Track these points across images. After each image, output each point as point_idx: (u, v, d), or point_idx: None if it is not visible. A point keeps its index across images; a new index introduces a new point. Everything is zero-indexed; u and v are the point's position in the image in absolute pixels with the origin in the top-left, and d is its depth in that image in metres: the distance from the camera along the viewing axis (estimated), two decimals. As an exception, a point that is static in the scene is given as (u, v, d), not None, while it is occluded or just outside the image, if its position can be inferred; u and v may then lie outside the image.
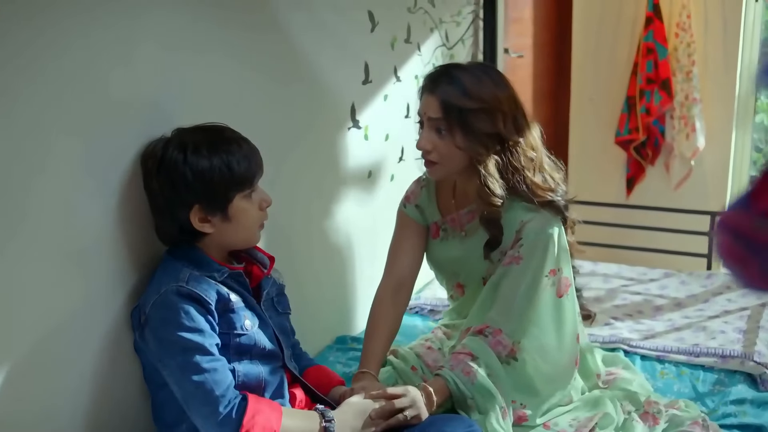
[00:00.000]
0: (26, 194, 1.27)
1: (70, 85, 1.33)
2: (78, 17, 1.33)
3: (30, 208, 1.28)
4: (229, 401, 1.33)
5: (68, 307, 1.38)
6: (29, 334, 1.31)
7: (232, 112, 1.66)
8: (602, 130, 3.93)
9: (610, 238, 3.32)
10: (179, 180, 1.40)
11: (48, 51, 1.28)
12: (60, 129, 1.32)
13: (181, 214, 1.42)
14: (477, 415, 1.58)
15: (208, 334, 1.36)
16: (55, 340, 1.36)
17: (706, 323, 2.21)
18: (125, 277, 1.49)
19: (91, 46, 1.36)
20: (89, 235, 1.41)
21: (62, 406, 1.39)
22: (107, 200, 1.44)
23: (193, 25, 1.60)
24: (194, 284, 1.38)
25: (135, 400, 1.51)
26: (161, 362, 1.37)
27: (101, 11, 1.37)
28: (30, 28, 1.24)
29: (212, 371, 1.34)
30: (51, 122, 1.30)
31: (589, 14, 3.85)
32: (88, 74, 1.36)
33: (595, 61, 3.89)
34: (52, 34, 1.28)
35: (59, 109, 1.31)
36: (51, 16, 1.28)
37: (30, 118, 1.26)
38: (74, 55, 1.33)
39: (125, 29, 1.43)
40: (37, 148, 1.28)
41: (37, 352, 1.32)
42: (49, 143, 1.30)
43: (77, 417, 1.42)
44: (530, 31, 3.56)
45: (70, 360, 1.39)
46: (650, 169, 3.87)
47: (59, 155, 1.33)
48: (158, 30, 1.51)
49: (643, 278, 2.61)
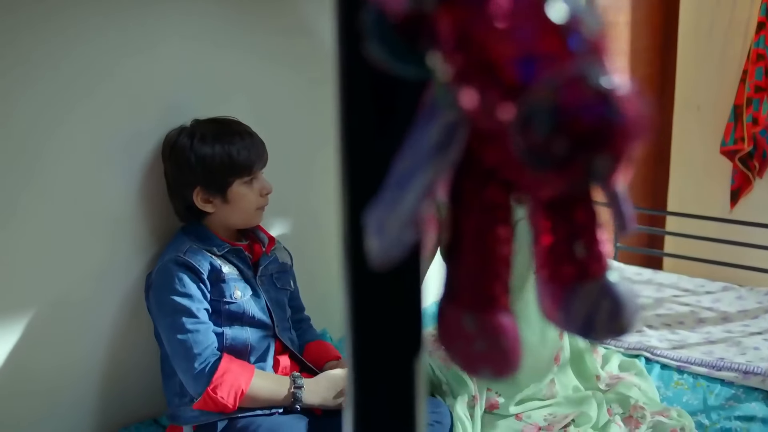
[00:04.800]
0: (57, 168, 1.54)
1: (101, 76, 1.58)
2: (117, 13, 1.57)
3: (60, 180, 1.55)
4: (205, 359, 1.51)
5: (94, 269, 1.64)
6: (56, 289, 1.57)
7: (262, 109, 1.87)
8: (707, 139, 3.78)
9: (709, 251, 3.16)
10: (185, 163, 1.61)
11: (80, 45, 1.53)
12: (89, 114, 1.57)
13: (186, 193, 1.63)
14: (451, 399, 1.66)
15: (196, 299, 1.55)
16: (81, 296, 1.62)
17: (743, 339, 2.13)
18: (146, 247, 1.73)
19: (124, 41, 1.60)
20: (115, 209, 1.66)
21: (82, 357, 1.65)
22: (131, 179, 1.68)
23: (238, 24, 1.82)
24: (191, 255, 1.58)
25: (147, 354, 1.74)
26: (157, 321, 1.59)
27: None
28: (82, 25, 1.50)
29: (195, 332, 1.53)
30: (81, 108, 1.56)
31: (698, 19, 3.71)
32: (116, 65, 1.60)
33: (703, 67, 3.74)
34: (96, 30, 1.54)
35: (89, 97, 1.57)
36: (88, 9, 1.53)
37: (62, 105, 1.52)
38: (101, 48, 1.57)
39: (171, 24, 1.66)
40: (69, 130, 1.55)
41: (63, 307, 1.59)
42: (79, 127, 1.56)
43: (96, 366, 1.68)
44: (625, 35, 3.50)
45: (92, 315, 1.66)
46: (758, 181, 3.67)
47: (87, 138, 1.58)
48: (196, 29, 1.73)
49: (699, 290, 2.53)
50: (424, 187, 0.39)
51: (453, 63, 0.36)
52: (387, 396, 0.48)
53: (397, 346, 0.47)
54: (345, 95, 0.43)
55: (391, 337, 0.47)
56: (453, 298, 0.48)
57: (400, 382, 0.47)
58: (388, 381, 0.47)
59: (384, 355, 0.47)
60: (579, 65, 0.33)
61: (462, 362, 0.48)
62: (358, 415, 0.45)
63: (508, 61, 0.34)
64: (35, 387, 1.57)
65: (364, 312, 0.46)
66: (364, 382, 0.47)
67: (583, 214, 0.49)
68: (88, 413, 1.68)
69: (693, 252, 3.16)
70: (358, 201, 0.44)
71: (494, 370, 0.49)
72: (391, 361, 0.47)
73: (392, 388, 0.47)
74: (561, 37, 0.33)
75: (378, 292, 0.46)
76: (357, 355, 0.46)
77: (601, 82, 0.32)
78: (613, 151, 0.33)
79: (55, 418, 1.61)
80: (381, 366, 0.47)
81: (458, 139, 0.41)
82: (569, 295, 0.49)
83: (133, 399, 1.75)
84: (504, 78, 0.34)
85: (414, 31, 0.37)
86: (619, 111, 0.32)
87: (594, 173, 0.33)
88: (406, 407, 0.48)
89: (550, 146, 0.33)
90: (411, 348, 0.47)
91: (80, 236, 1.61)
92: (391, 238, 0.40)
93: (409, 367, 0.47)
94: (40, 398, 1.58)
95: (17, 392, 1.54)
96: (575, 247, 0.50)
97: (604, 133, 0.32)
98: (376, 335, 0.47)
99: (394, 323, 0.47)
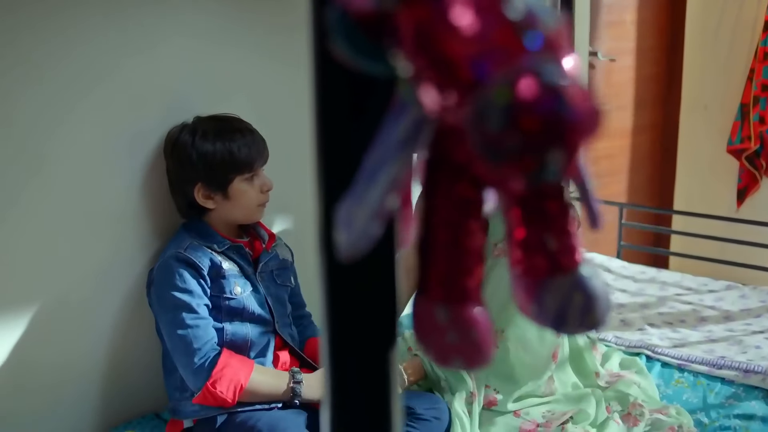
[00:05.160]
0: (60, 167, 1.56)
1: (102, 75, 1.60)
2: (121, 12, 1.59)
3: (62, 178, 1.57)
4: (204, 354, 1.53)
5: (97, 266, 1.66)
6: (59, 287, 1.60)
7: (263, 106, 1.88)
8: (714, 138, 3.76)
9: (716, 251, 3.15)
10: (186, 160, 1.62)
11: (80, 44, 1.55)
12: (90, 113, 1.59)
13: (187, 190, 1.64)
14: (449, 396, 1.67)
15: (196, 295, 1.57)
16: (84, 293, 1.64)
17: (745, 337, 2.13)
18: (148, 244, 1.74)
19: (124, 40, 1.62)
20: (117, 207, 1.68)
21: (85, 353, 1.67)
22: (134, 177, 1.70)
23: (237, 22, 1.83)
24: (191, 251, 1.59)
25: (149, 349, 1.76)
26: (158, 316, 1.61)
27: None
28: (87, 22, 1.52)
29: (195, 327, 1.55)
30: (82, 107, 1.58)
31: (705, 18, 3.70)
32: (116, 64, 1.62)
33: (709, 66, 3.73)
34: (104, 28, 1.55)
35: (90, 96, 1.59)
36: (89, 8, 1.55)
37: (63, 105, 1.54)
38: (102, 47, 1.59)
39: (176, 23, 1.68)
40: (70, 130, 1.57)
41: (66, 304, 1.61)
42: (80, 126, 1.58)
43: (99, 362, 1.70)
44: (632, 34, 3.49)
45: (95, 312, 1.68)
46: (765, 180, 3.66)
47: (90, 136, 1.61)
48: (199, 25, 1.75)
49: (702, 289, 2.53)
50: (390, 181, 0.40)
51: (413, 61, 0.37)
52: (361, 387, 0.49)
53: (371, 338, 0.48)
54: (320, 92, 0.44)
55: (366, 329, 0.48)
56: (426, 290, 0.50)
57: (374, 373, 0.48)
58: (362, 372, 0.48)
59: (358, 346, 0.48)
60: (532, 62, 0.34)
61: (435, 353, 0.50)
62: (334, 405, 0.46)
63: (465, 58, 0.35)
64: (38, 383, 1.59)
65: (338, 304, 0.47)
66: (339, 374, 0.48)
67: (554, 210, 0.50)
68: (91, 408, 1.70)
69: (700, 251, 3.15)
70: (331, 195, 0.45)
71: (466, 361, 0.50)
72: (365, 353, 0.48)
73: (366, 380, 0.48)
74: (516, 34, 0.34)
75: (352, 285, 0.47)
76: (332, 347, 0.47)
77: (553, 78, 0.33)
78: (564, 145, 0.34)
79: (59, 414, 1.63)
80: (355, 357, 0.48)
81: (424, 135, 0.41)
82: (542, 289, 0.51)
83: (136, 394, 1.77)
84: (461, 75, 0.35)
85: (378, 29, 0.38)
86: (570, 107, 0.33)
87: (547, 167, 0.34)
88: (380, 398, 0.49)
89: (503, 141, 0.33)
90: (385, 340, 0.48)
91: (83, 234, 1.63)
92: (359, 231, 0.41)
93: (384, 359, 0.48)
94: (43, 394, 1.60)
95: (20, 388, 1.56)
96: (547, 241, 0.51)
97: (555, 128, 0.33)
98: (351, 327, 0.47)
99: (368, 316, 0.47)
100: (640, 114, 3.70)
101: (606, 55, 3.29)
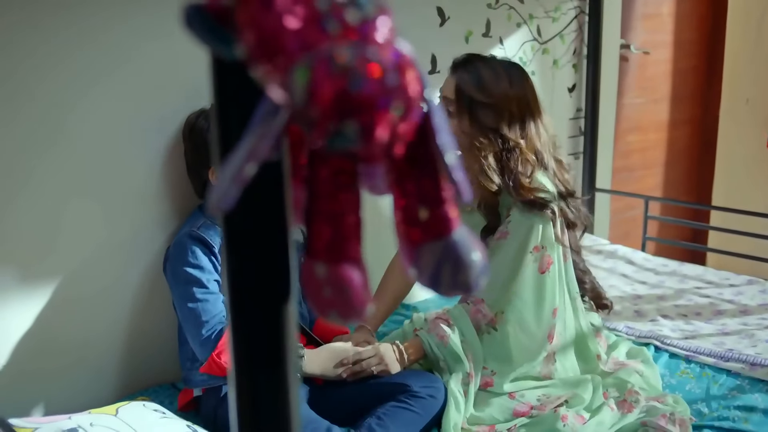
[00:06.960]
0: (86, 149, 1.68)
1: (123, 59, 1.71)
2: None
3: (89, 160, 1.69)
4: (212, 327, 1.63)
5: (120, 242, 1.77)
6: (82, 262, 1.71)
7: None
8: (755, 132, 3.70)
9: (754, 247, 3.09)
10: (202, 144, 1.72)
11: (104, 30, 1.66)
12: (113, 96, 1.70)
13: (203, 173, 1.74)
14: (447, 376, 1.73)
15: (207, 271, 1.66)
16: (107, 268, 1.76)
17: (758, 331, 2.12)
18: (167, 223, 1.85)
19: (147, 24, 1.72)
20: (140, 187, 1.79)
21: (108, 326, 1.79)
22: (154, 159, 1.80)
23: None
24: (204, 230, 1.69)
25: (166, 323, 1.86)
26: (172, 290, 1.71)
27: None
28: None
29: (204, 301, 1.64)
30: (107, 90, 1.69)
31: (747, 10, 3.63)
32: (132, 50, 1.72)
33: (752, 59, 3.66)
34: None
35: (114, 79, 1.70)
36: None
37: (87, 87, 1.65)
38: (126, 31, 1.70)
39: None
40: (95, 111, 1.68)
41: (89, 277, 1.73)
42: (106, 108, 1.69)
43: (119, 334, 1.81)
44: (669, 27, 3.46)
45: (116, 287, 1.79)
46: (807, 177, 3.58)
47: (115, 119, 1.72)
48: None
49: (723, 282, 2.52)
50: (247, 150, 0.47)
51: (248, 48, 0.43)
52: (259, 339, 0.56)
53: (266, 292, 0.55)
54: (218, 77, 0.51)
55: (261, 284, 0.55)
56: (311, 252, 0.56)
57: (270, 326, 0.55)
58: (258, 325, 0.56)
59: (254, 300, 0.55)
60: (330, 47, 0.40)
61: (315, 306, 0.56)
62: (236, 356, 0.53)
63: (284, 47, 0.42)
64: (62, 350, 1.71)
65: (235, 262, 0.54)
66: (239, 328, 0.56)
67: (427, 182, 0.57)
68: (111, 376, 1.82)
69: (738, 247, 3.09)
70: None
71: (340, 314, 0.57)
72: (261, 306, 0.55)
73: (262, 332, 0.56)
74: (320, 23, 0.41)
75: (247, 245, 0.54)
76: (233, 302, 0.54)
77: (347, 60, 0.40)
78: (356, 116, 0.40)
79: (81, 383, 1.75)
80: (252, 310, 0.55)
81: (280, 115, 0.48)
82: (418, 253, 0.57)
83: (153, 364, 1.88)
84: (280, 63, 0.42)
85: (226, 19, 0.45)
86: (361, 84, 0.40)
87: (343, 134, 0.41)
88: (276, 350, 0.56)
89: (305, 113, 0.40)
90: (279, 295, 0.55)
91: (107, 212, 1.74)
92: (221, 191, 0.48)
93: (279, 313, 0.55)
94: (66, 360, 1.72)
95: (46, 353, 1.68)
96: (420, 210, 0.57)
97: (345, 103, 0.39)
98: (247, 282, 0.55)
99: (263, 272, 0.54)
100: (677, 108, 3.67)
101: (640, 47, 3.27)
